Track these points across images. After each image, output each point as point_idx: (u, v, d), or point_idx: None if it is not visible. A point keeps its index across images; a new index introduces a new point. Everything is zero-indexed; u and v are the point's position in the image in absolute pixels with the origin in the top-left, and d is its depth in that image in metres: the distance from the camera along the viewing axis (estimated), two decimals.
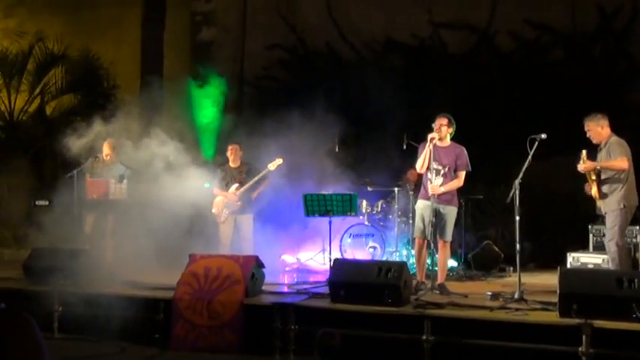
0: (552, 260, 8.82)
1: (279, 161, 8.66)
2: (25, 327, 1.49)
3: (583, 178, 7.09)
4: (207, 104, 12.12)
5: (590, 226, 8.48)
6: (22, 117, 12.99)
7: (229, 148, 8.97)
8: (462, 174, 7.25)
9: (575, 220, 9.56)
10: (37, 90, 13.05)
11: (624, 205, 6.72)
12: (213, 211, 8.76)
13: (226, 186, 8.77)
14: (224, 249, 8.45)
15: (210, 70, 12.41)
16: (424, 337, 5.95)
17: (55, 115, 13.07)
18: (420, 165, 7.27)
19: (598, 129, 6.95)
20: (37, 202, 8.02)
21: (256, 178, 8.70)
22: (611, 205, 6.79)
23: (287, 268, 9.08)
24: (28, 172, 10.99)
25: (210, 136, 11.86)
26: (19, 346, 1.45)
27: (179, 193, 8.17)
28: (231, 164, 8.88)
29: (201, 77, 12.25)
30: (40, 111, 13.12)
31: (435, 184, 7.12)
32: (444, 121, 7.26)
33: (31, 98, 13.04)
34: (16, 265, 7.97)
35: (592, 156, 7.00)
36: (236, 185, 8.70)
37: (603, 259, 7.50)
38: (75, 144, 8.29)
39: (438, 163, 7.17)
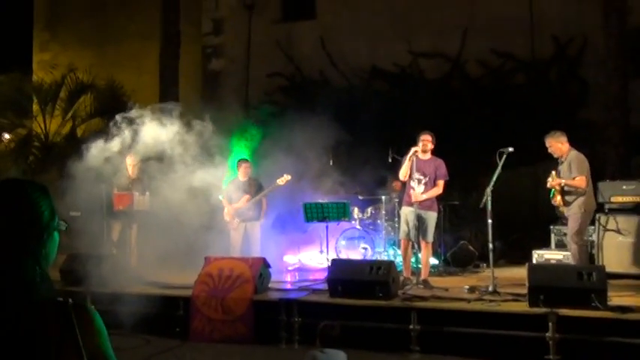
0: (520, 257, 8.81)
1: (287, 177, 8.49)
2: (92, 317, 1.48)
3: (545, 188, 7.09)
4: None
5: (551, 227, 8.45)
6: (56, 138, 12.93)
7: (241, 164, 8.75)
8: (441, 183, 7.21)
9: (538, 222, 9.56)
10: (69, 115, 13.00)
11: (585, 210, 6.73)
12: (226, 219, 8.60)
13: (235, 198, 8.60)
14: (235, 252, 8.35)
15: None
16: (411, 327, 5.92)
17: (85, 136, 12.99)
18: (404, 174, 7.22)
19: (558, 145, 6.95)
20: (70, 213, 7.91)
21: (266, 192, 8.60)
22: (573, 210, 6.78)
23: (289, 268, 8.99)
24: (62, 187, 10.89)
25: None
26: (90, 332, 1.45)
27: (195, 203, 8.08)
28: (241, 178, 8.69)
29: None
30: (72, 133, 13.06)
31: (417, 192, 7.09)
32: (429, 138, 7.21)
33: (64, 122, 12.99)
34: (55, 268, 7.87)
35: (555, 168, 7.00)
36: (247, 197, 8.58)
37: (564, 255, 7.49)
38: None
39: (420, 173, 7.13)
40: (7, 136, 13.37)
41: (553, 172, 6.85)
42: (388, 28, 12.23)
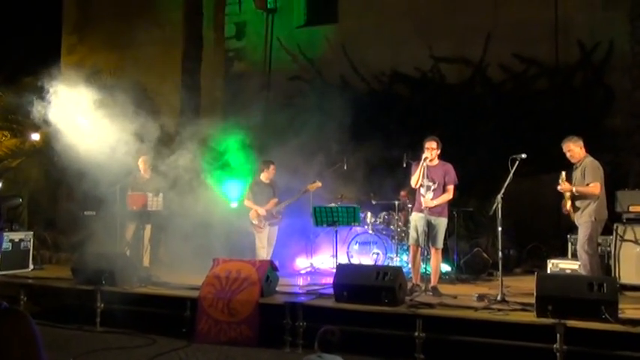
0: (537, 266, 8.63)
1: (318, 184, 8.56)
2: (22, 323, 1.46)
3: (562, 194, 6.94)
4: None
5: (569, 236, 8.26)
6: None
7: (268, 166, 8.65)
8: (451, 188, 7.11)
9: (558, 230, 9.36)
10: None
11: (595, 219, 6.56)
12: (254, 222, 8.47)
13: (259, 199, 8.53)
14: (261, 254, 8.27)
15: None
16: (416, 334, 5.85)
17: None
18: (415, 181, 7.15)
19: (577, 149, 6.81)
20: (85, 213, 8.04)
21: (296, 196, 8.63)
22: (583, 218, 6.63)
23: (302, 271, 8.96)
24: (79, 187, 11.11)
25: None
26: (17, 338, 1.42)
27: (206, 205, 8.14)
28: (264, 180, 8.64)
29: None
30: None
31: (427, 199, 7.01)
32: (434, 144, 7.09)
33: None
34: (66, 267, 8.00)
35: (568, 173, 6.84)
36: (275, 199, 8.54)
37: (579, 265, 7.29)
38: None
39: (429, 179, 7.05)
40: (35, 137, 13.60)
41: (563, 174, 6.66)
42: (410, 32, 12.11)
